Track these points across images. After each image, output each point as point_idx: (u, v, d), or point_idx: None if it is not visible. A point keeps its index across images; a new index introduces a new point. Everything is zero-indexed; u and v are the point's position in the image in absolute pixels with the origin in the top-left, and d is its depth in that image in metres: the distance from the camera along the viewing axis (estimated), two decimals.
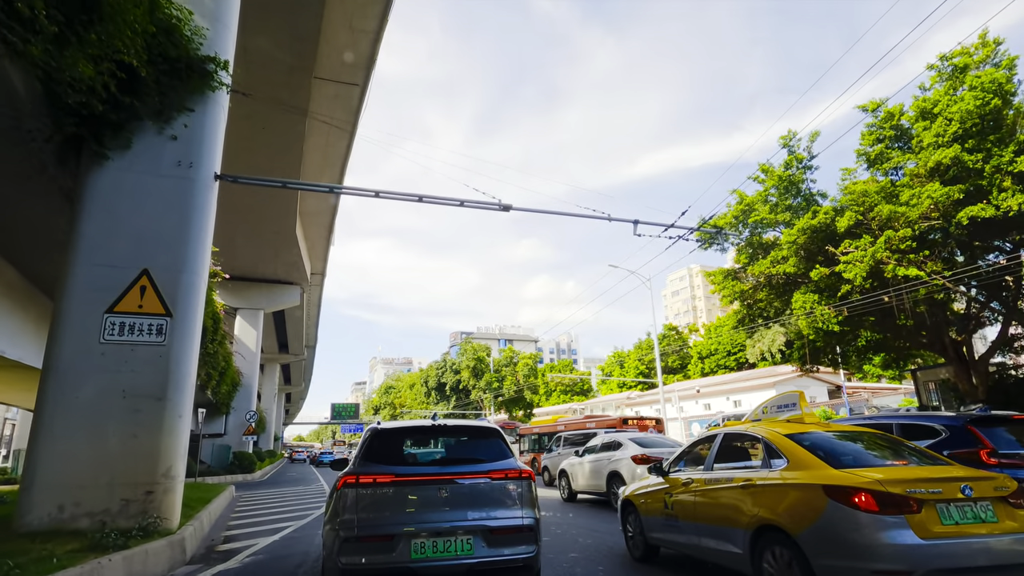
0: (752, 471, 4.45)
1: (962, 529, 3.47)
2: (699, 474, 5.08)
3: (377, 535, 3.90)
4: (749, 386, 38.96)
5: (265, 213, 22.28)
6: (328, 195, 23.62)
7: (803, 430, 4.58)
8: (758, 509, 4.14)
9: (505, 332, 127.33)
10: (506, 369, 56.86)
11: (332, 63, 15.81)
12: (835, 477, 3.72)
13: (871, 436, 4.60)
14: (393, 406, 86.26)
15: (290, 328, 42.52)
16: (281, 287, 30.47)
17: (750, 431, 4.86)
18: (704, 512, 4.83)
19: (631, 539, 6.21)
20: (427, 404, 65.08)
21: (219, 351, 19.73)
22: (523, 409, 57.38)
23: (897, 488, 3.50)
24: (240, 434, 27.78)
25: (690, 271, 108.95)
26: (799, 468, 4.02)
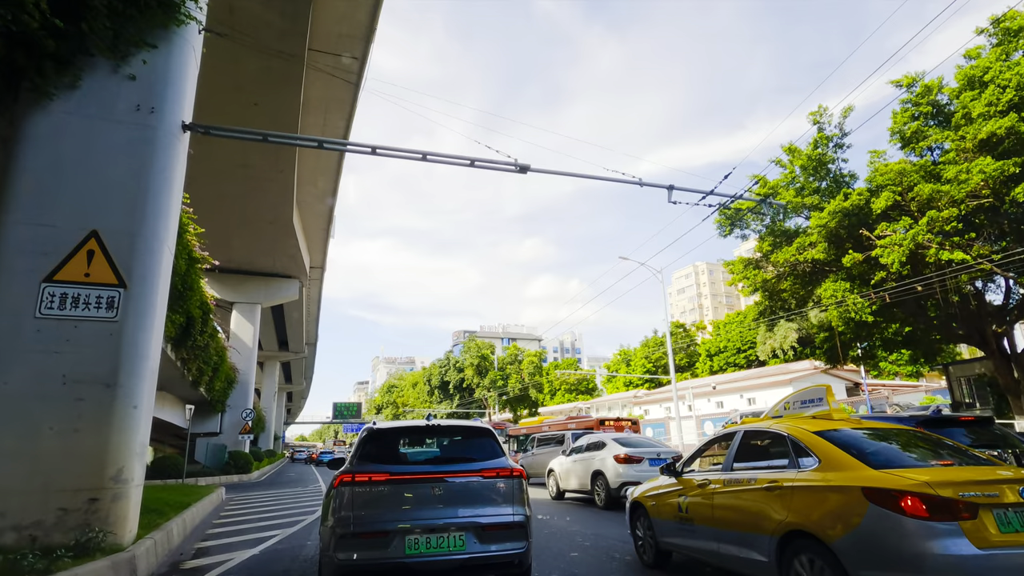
0: (778, 472, 4.05)
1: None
2: (717, 475, 4.73)
3: (372, 531, 3.97)
4: (764, 383, 37.71)
5: (260, 201, 21.16)
6: (326, 184, 22.50)
7: (833, 427, 4.15)
8: (786, 513, 3.76)
9: (508, 331, 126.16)
10: (511, 367, 55.61)
11: (327, 32, 14.67)
12: (876, 478, 3.33)
13: (908, 433, 4.19)
14: (396, 405, 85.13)
15: (290, 325, 41.44)
16: (279, 281, 29.36)
17: (774, 428, 4.45)
18: (723, 516, 4.46)
19: (641, 543, 5.88)
20: (430, 403, 63.93)
21: (210, 344, 18.61)
22: (528, 408, 56.17)
23: (948, 491, 3.08)
24: (236, 433, 26.66)
25: (696, 268, 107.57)
26: (833, 468, 3.63)
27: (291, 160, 18.62)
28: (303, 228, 26.06)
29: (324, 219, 25.66)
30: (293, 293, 29.65)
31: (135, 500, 5.65)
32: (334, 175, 21.99)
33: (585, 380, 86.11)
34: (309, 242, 28.04)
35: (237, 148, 17.86)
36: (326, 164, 21.11)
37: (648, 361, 66.54)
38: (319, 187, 22.82)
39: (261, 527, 8.97)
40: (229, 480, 23.46)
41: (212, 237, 25.11)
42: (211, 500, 11.94)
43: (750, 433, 4.77)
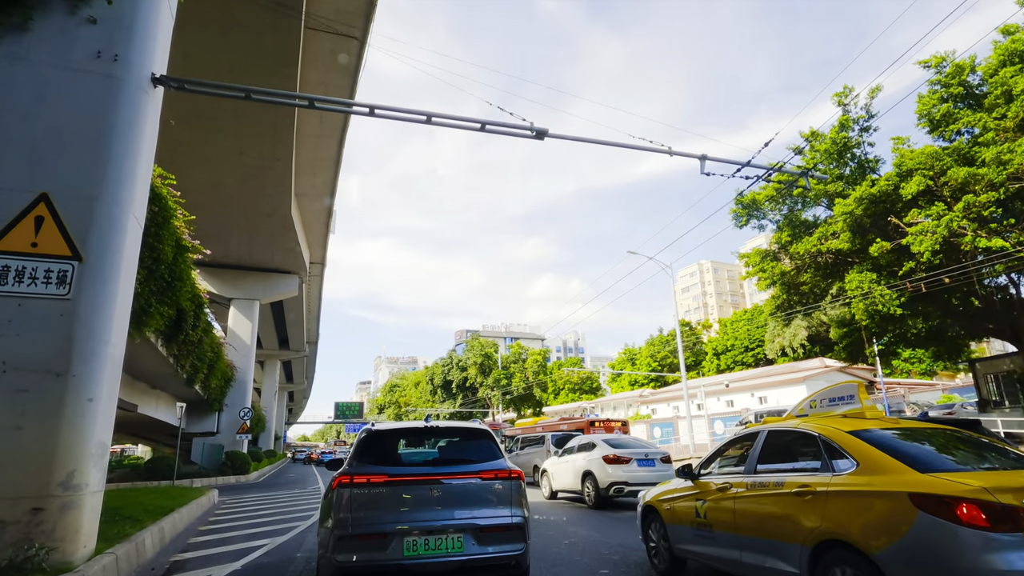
0: (809, 475, 3.76)
1: None
2: (739, 478, 4.45)
3: (371, 533, 3.98)
4: (776, 381, 36.76)
5: (257, 192, 20.36)
6: (326, 175, 21.69)
7: (869, 426, 3.82)
8: (820, 521, 3.47)
9: (511, 330, 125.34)
10: (514, 366, 54.70)
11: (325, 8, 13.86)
12: (925, 483, 3.05)
13: (949, 434, 3.81)
14: (398, 405, 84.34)
15: (290, 322, 40.69)
16: (278, 276, 28.57)
17: (803, 428, 4.14)
18: (747, 522, 4.17)
19: (654, 550, 5.57)
20: (432, 403, 63.07)
21: (204, 340, 17.81)
22: (532, 407, 55.27)
23: (1009, 497, 2.78)
24: (234, 433, 25.87)
25: (701, 267, 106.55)
26: (873, 471, 3.34)
27: (288, 147, 17.82)
28: (302, 222, 25.28)
29: (324, 213, 24.86)
30: (292, 289, 28.86)
31: (91, 509, 4.82)
32: (333, 165, 21.18)
33: (589, 379, 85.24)
34: (309, 237, 27.25)
35: (231, 133, 17.08)
36: (325, 153, 20.31)
37: (654, 360, 65.62)
38: (318, 179, 22.03)
39: (249, 535, 8.15)
40: (226, 482, 22.67)
41: (208, 231, 24.34)
42: (200, 504, 11.13)
43: (775, 433, 4.45)
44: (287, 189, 20.37)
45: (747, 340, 54.95)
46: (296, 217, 23.49)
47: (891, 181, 14.69)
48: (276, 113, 16.16)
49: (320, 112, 18.06)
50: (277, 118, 16.40)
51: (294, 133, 17.33)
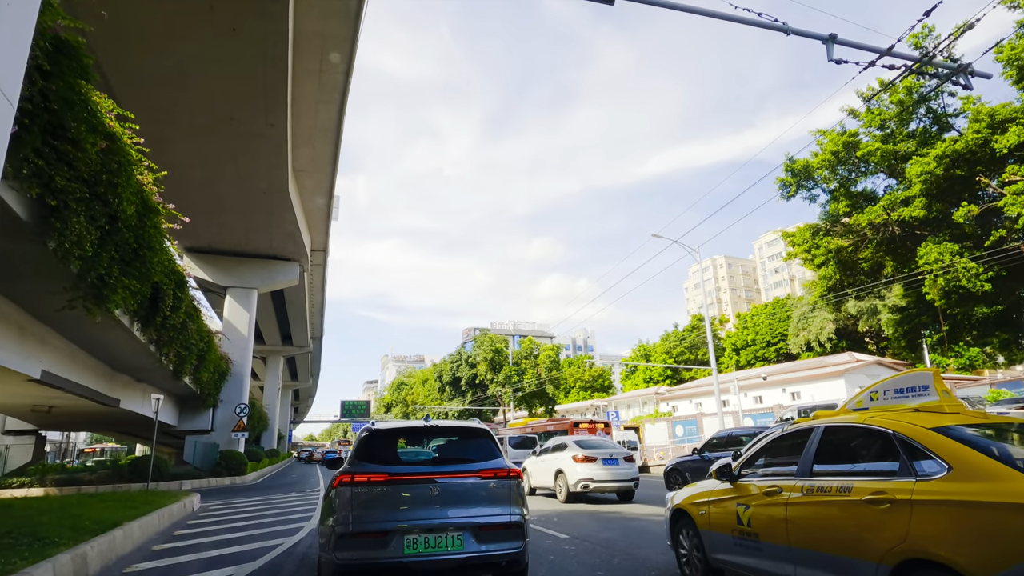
0: (885, 479, 3.15)
1: None
2: (791, 480, 3.85)
3: (371, 531, 4.01)
4: (809, 376, 34.42)
5: (250, 165, 18.50)
6: (325, 147, 19.79)
7: (955, 422, 3.19)
8: (903, 535, 2.88)
9: (520, 328, 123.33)
10: (526, 362, 52.59)
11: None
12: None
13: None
14: (405, 403, 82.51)
15: (292, 316, 38.90)
16: (277, 264, 26.73)
17: (871, 423, 3.47)
18: (804, 534, 3.56)
19: (685, 558, 5.10)
20: (441, 400, 61.11)
21: (190, 325, 15.94)
22: (544, 405, 53.22)
23: None
24: (230, 431, 24.04)
25: (714, 262, 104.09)
26: (972, 478, 2.73)
27: (282, 111, 15.92)
28: (302, 203, 23.42)
29: (324, 192, 22.97)
30: (293, 277, 27.00)
31: None
32: (333, 136, 19.29)
33: (601, 377, 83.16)
34: (309, 220, 25.39)
35: (219, 94, 15.19)
36: (324, 121, 18.41)
37: (669, 356, 63.41)
38: (317, 151, 20.13)
39: (213, 559, 6.23)
40: (219, 484, 20.85)
41: (198, 210, 22.44)
42: (167, 513, 9.23)
43: (835, 429, 3.88)
44: (283, 161, 18.49)
45: (768, 335, 52.64)
46: (294, 195, 21.62)
47: (981, 135, 12.57)
48: (268, 70, 14.26)
49: (317, 73, 16.18)
50: (269, 76, 14.50)
51: (288, 94, 15.42)
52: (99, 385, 16.55)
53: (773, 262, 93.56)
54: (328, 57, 15.62)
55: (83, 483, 17.27)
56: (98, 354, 15.67)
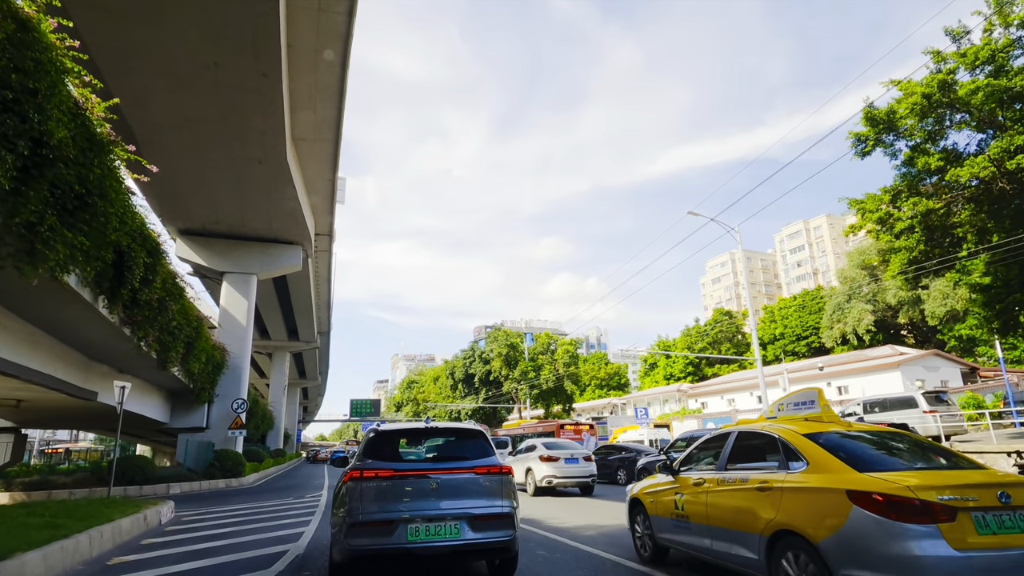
0: (769, 472, 4.25)
1: (1001, 540, 3.12)
2: (712, 474, 4.94)
3: (378, 520, 4.42)
4: (859, 368, 31.62)
5: (242, 127, 16.40)
6: (327, 109, 17.60)
7: (822, 429, 4.35)
8: (775, 513, 3.97)
9: (532, 326, 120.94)
10: (543, 357, 50.12)
11: None
12: (860, 481, 3.49)
13: (896, 437, 4.38)
14: (416, 402, 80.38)
15: (298, 309, 36.89)
16: (277, 248, 24.65)
17: (765, 430, 4.66)
18: (717, 514, 4.68)
19: (639, 539, 6.10)
20: (453, 398, 58.82)
21: (170, 305, 13.84)
22: (562, 403, 50.75)
23: (929, 494, 3.20)
24: (227, 428, 21.98)
25: (732, 256, 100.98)
26: (820, 471, 3.83)
27: (275, 58, 13.77)
28: (303, 177, 21.29)
29: (328, 164, 20.79)
30: (295, 263, 24.89)
31: None
32: (336, 96, 17.10)
33: (617, 375, 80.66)
34: (311, 198, 23.27)
35: (199, 33, 13.01)
36: (326, 77, 16.22)
37: (691, 351, 60.72)
38: (319, 115, 17.96)
39: None
40: (212, 487, 18.78)
41: (189, 185, 20.40)
42: (116, 531, 7.06)
43: (744, 434, 4.90)
44: (280, 124, 16.36)
45: (799, 328, 49.81)
46: (294, 168, 19.48)
47: None
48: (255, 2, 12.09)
49: (316, 11, 13.98)
50: (258, 6, 12.30)
51: (281, 34, 13.26)
52: (70, 375, 14.48)
53: (795, 255, 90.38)
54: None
55: (56, 487, 15.24)
56: (66, 338, 13.60)
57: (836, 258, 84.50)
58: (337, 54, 15.42)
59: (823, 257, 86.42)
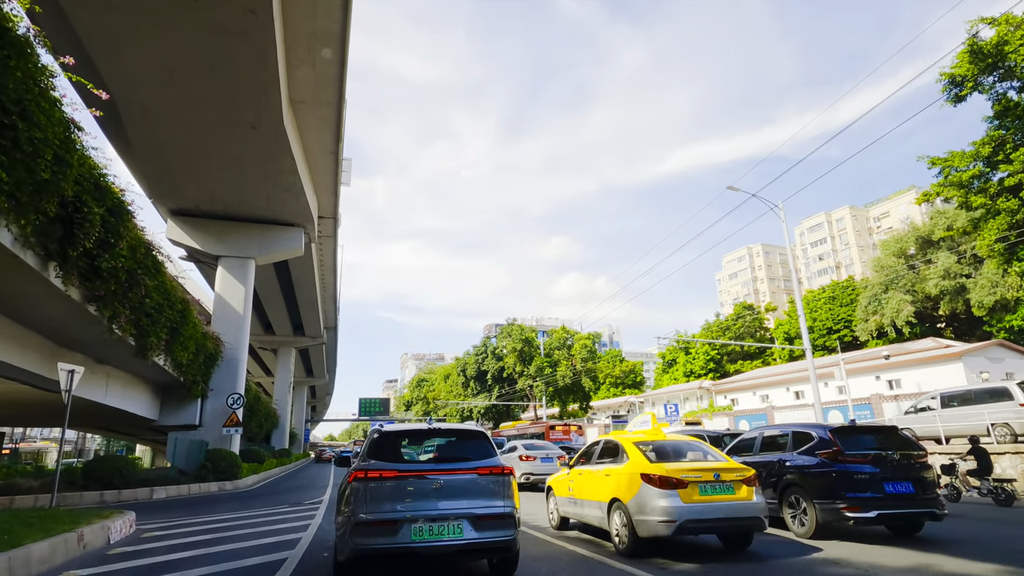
0: (611, 465, 7.11)
1: (711, 498, 6.07)
2: (587, 467, 7.78)
3: (383, 520, 4.51)
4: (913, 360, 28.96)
5: (232, 84, 14.44)
6: (329, 67, 15.55)
7: (646, 439, 7.27)
8: (611, 488, 6.75)
9: (542, 324, 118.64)
10: (559, 353, 47.84)
11: None
12: (648, 468, 6.31)
13: (686, 442, 7.29)
14: (426, 400, 78.40)
15: (302, 302, 34.98)
16: (277, 230, 22.71)
17: (616, 439, 7.59)
18: (587, 491, 7.47)
19: (551, 514, 8.83)
20: (465, 396, 56.68)
21: (142, 279, 11.85)
22: (579, 401, 48.49)
23: (675, 474, 6.08)
24: (221, 426, 20.03)
25: (750, 251, 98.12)
26: (633, 463, 6.61)
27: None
28: (303, 148, 19.29)
29: (330, 133, 18.77)
30: (297, 246, 22.93)
31: None
32: (339, 48, 15.04)
33: (632, 372, 78.28)
34: (313, 173, 21.28)
35: None
36: (326, 22, 14.17)
37: (712, 348, 58.21)
38: (319, 72, 15.91)
39: None
40: (204, 491, 16.83)
41: (176, 155, 18.41)
42: (6, 566, 4.96)
43: (607, 442, 7.81)
44: (274, 79, 14.36)
45: (829, 321, 47.18)
46: (293, 136, 17.48)
47: None
48: None
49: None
50: None
51: None
52: (32, 363, 12.58)
53: (817, 248, 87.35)
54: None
55: (20, 492, 13.31)
56: (23, 319, 11.68)
57: (860, 251, 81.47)
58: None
59: (846, 250, 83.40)
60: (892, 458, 7.08)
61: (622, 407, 61.78)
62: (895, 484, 6.83)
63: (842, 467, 6.94)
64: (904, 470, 7.00)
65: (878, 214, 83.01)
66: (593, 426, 39.95)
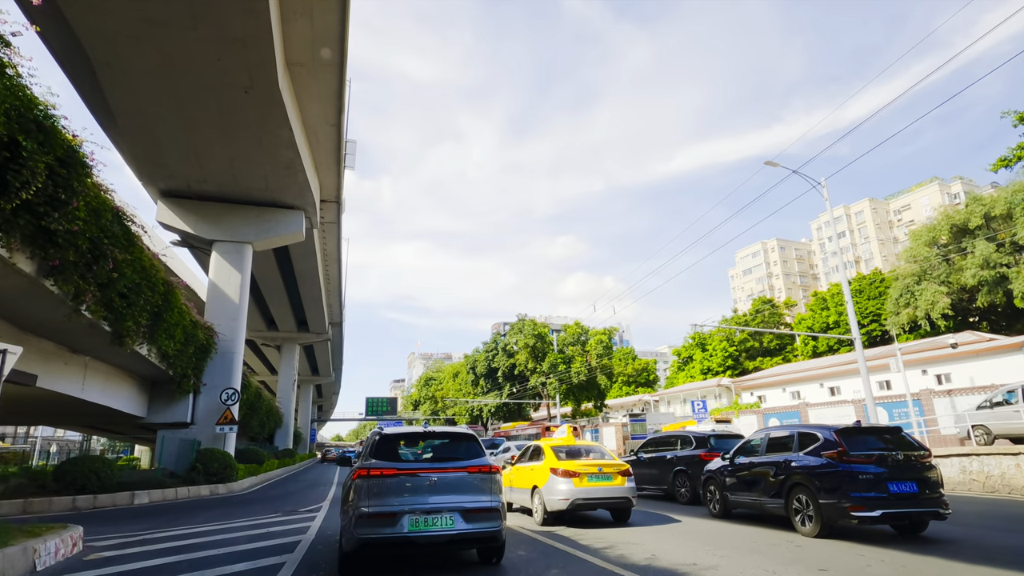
0: (534, 463, 9.89)
1: (595, 485, 8.84)
2: (521, 464, 10.57)
3: (383, 513, 5.02)
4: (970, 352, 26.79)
5: (216, 32, 12.79)
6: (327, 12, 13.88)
7: (559, 444, 10.03)
8: (534, 479, 9.53)
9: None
10: (573, 348, 45.99)
11: None
12: (556, 464, 9.10)
13: (587, 446, 10.16)
14: (434, 400, 76.76)
15: (306, 295, 33.42)
16: (276, 212, 21.13)
17: (540, 445, 10.25)
18: (519, 481, 10.26)
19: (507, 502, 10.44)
20: (475, 394, 54.89)
21: (112, 252, 10.23)
22: (594, 399, 46.62)
23: (572, 468, 8.90)
24: (214, 424, 18.44)
25: (765, 246, 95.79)
26: (548, 461, 9.36)
27: None
28: (301, 119, 17.67)
29: (331, 103, 17.12)
30: (297, 230, 21.33)
31: None
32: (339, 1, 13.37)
33: (645, 371, 76.33)
34: (313, 149, 19.65)
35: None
36: None
37: (730, 344, 56.17)
38: (317, 27, 14.26)
39: None
40: (193, 495, 15.23)
41: (166, 132, 16.90)
42: None
43: (535, 446, 10.47)
44: (266, 32, 12.78)
45: (857, 315, 44.96)
46: (290, 103, 15.87)
47: None
48: None
49: None
50: None
51: None
52: None
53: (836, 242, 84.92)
54: None
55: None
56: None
57: (880, 244, 79.00)
58: None
59: (865, 244, 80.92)
60: (896, 458, 7.19)
61: (636, 405, 59.84)
62: (899, 484, 6.94)
63: (847, 467, 7.07)
64: (908, 470, 7.09)
65: (899, 207, 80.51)
66: (609, 425, 38.08)
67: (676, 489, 12.34)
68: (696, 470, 11.37)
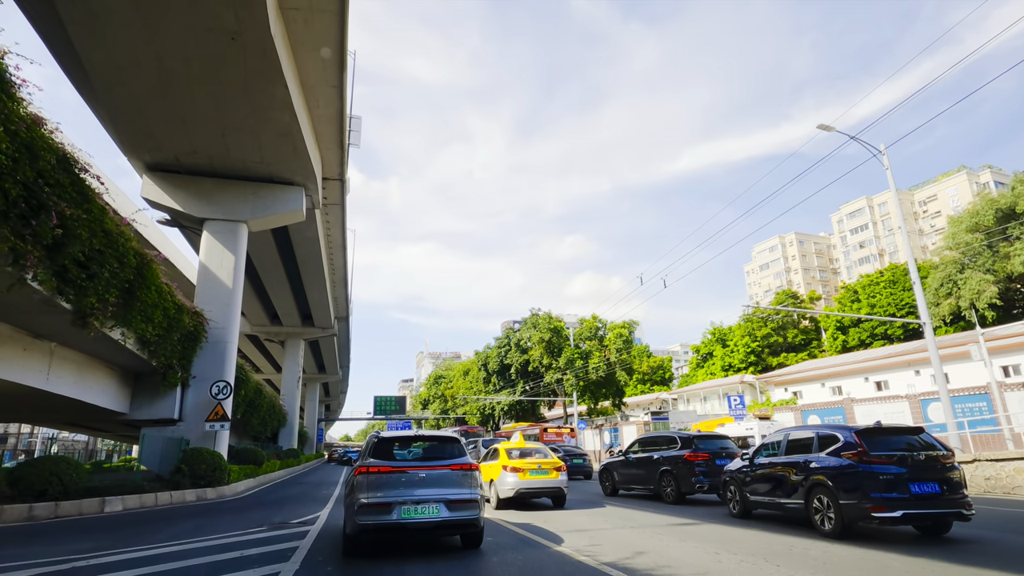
0: (493, 461, 12.54)
1: (535, 478, 11.74)
2: (484, 463, 13.01)
3: (379, 503, 6.01)
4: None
5: None
6: None
7: (512, 447, 12.58)
8: (491, 473, 12.23)
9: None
10: (590, 343, 43.87)
11: None
12: (507, 463, 11.90)
13: (534, 448, 12.82)
14: (444, 398, 74.83)
15: (309, 285, 31.56)
16: (274, 189, 19.24)
17: (498, 447, 12.96)
18: (486, 476, 12.36)
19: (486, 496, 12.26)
20: (486, 391, 52.93)
21: (57, 206, 8.32)
22: (612, 397, 44.46)
23: (518, 465, 11.83)
24: (203, 420, 16.54)
25: (783, 240, 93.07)
26: (501, 460, 12.08)
27: None
28: (298, 77, 15.73)
29: (333, 61, 15.16)
30: (296, 207, 19.43)
31: None
32: None
33: (660, 368, 74.07)
34: (313, 117, 17.72)
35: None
36: None
37: (753, 340, 53.76)
38: None
39: None
40: (177, 500, 13.33)
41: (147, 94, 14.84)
42: None
43: (494, 448, 13.12)
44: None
45: (891, 307, 42.50)
46: (285, 57, 13.94)
47: None
48: None
49: None
50: None
51: None
52: None
53: (857, 235, 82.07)
54: None
55: None
56: None
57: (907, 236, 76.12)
58: None
59: (889, 236, 78.05)
60: (918, 459, 7.13)
61: (653, 404, 57.62)
62: (921, 484, 6.90)
63: (867, 468, 7.04)
64: (930, 471, 7.03)
65: (924, 197, 77.60)
66: (630, 424, 35.91)
67: (662, 489, 12.63)
68: (681, 470, 12.12)
